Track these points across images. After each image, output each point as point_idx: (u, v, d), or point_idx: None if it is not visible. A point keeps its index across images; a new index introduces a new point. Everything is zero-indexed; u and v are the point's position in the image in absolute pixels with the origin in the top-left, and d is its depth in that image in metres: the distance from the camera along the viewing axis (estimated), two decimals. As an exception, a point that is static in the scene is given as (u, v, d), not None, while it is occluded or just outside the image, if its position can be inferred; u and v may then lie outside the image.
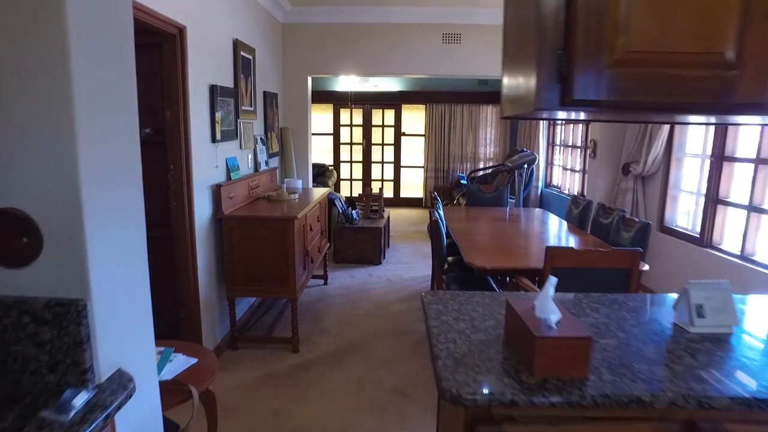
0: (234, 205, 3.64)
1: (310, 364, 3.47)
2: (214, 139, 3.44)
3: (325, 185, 8.31)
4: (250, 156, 4.29)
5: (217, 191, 3.44)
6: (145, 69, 3.45)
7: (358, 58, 5.40)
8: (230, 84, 3.79)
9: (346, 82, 9.02)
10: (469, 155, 9.63)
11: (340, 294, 4.87)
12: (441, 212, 3.80)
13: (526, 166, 6.54)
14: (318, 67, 5.47)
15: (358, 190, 9.98)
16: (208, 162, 3.39)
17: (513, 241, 3.67)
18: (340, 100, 9.54)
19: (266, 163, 4.63)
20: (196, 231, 3.21)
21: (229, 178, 3.72)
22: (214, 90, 3.40)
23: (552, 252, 2.59)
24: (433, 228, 3.37)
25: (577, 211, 4.37)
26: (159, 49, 2.99)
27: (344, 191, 9.98)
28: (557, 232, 4.05)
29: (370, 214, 6.19)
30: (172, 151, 3.06)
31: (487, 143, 9.65)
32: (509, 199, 6.09)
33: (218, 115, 3.47)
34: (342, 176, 9.92)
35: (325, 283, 5.12)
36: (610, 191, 5.42)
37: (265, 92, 4.71)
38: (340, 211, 5.85)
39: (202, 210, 3.30)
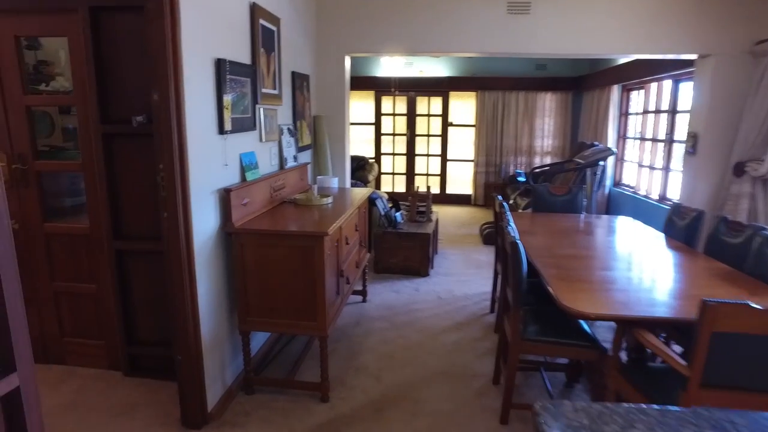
0: (249, 214, 2.83)
1: (343, 422, 2.62)
2: (221, 130, 2.62)
3: (365, 180, 7.46)
4: (273, 150, 3.46)
5: (225, 197, 2.63)
6: (134, 38, 2.67)
7: (405, 34, 4.48)
8: (246, 59, 2.96)
9: (389, 67, 8.11)
10: (524, 148, 8.56)
11: (381, 316, 4.01)
12: (513, 225, 2.87)
13: (601, 163, 5.47)
14: (357, 45, 4.58)
15: (400, 185, 9.09)
16: (214, 159, 2.58)
17: (616, 269, 2.69)
18: (381, 87, 8.65)
19: (294, 158, 3.81)
20: (196, 249, 2.41)
21: (243, 179, 2.90)
22: (221, 66, 2.57)
23: (714, 310, 1.63)
24: (510, 251, 2.46)
25: (682, 224, 3.33)
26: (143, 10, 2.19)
27: (385, 186, 9.11)
28: (670, 254, 3.03)
29: (416, 217, 5.30)
30: (160, 145, 2.26)
31: (544, 135, 8.55)
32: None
33: (227, 98, 2.65)
34: (383, 170, 9.05)
35: (364, 300, 4.27)
36: (715, 196, 4.32)
37: (293, 73, 3.87)
38: (382, 213, 4.98)
39: (204, 221, 2.50)
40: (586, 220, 4.09)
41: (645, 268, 2.72)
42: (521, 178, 7.25)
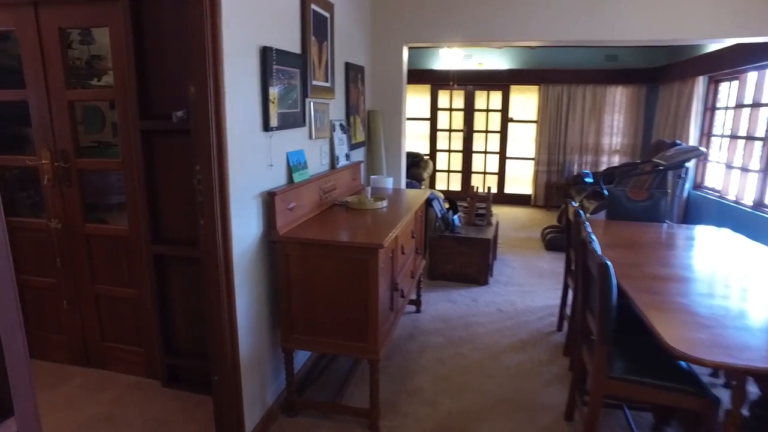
0: (296, 220, 2.54)
1: (394, 458, 2.31)
2: (267, 127, 2.34)
3: (419, 178, 7.10)
4: (324, 148, 3.17)
5: (269, 201, 2.35)
6: (176, 27, 2.43)
7: (468, 22, 4.07)
8: (295, 48, 2.67)
9: (447, 60, 7.68)
10: (590, 146, 7.90)
11: (436, 329, 3.65)
12: (596, 241, 2.43)
13: (687, 164, 4.84)
14: (416, 35, 4.21)
15: (455, 183, 8.66)
16: (257, 159, 2.30)
17: (728, 297, 2.20)
18: (438, 81, 8.23)
19: (347, 156, 3.50)
20: (236, 259, 2.14)
21: (290, 180, 2.62)
22: (267, 55, 2.28)
23: None
24: (599, 275, 2.02)
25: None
26: (183, -9, 1.94)
27: (440, 184, 8.71)
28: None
29: (475, 220, 4.89)
30: (197, 143, 1.99)
31: (613, 132, 7.85)
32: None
33: (274, 91, 2.36)
34: (438, 167, 8.65)
35: (418, 311, 3.93)
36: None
37: (347, 64, 3.55)
38: (439, 215, 4.61)
39: (245, 229, 2.23)
40: (673, 230, 3.55)
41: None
42: (588, 179, 6.64)
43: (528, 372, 3.06)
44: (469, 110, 8.38)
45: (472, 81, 8.14)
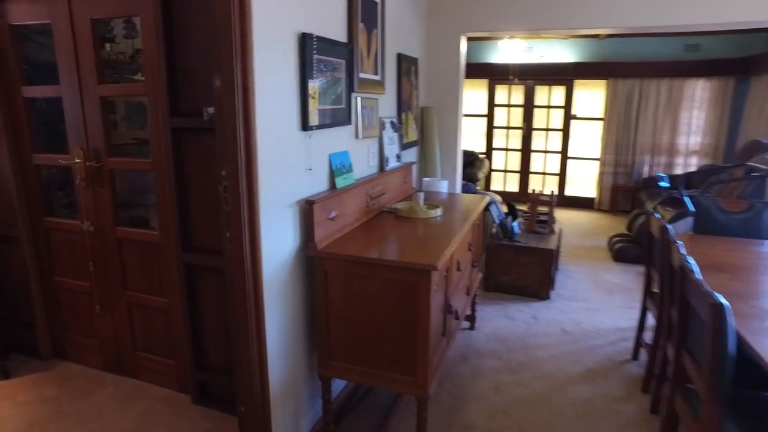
0: (337, 231, 2.23)
1: None
2: (305, 125, 2.04)
3: (474, 178, 6.66)
4: (372, 149, 2.84)
5: (307, 210, 2.05)
6: (206, 14, 2.16)
7: (531, 8, 3.59)
8: (340, 36, 2.35)
9: (506, 52, 7.16)
10: (664, 146, 7.15)
11: (492, 351, 3.25)
12: (693, 263, 1.97)
13: (790, 168, 4.16)
14: (476, 23, 3.80)
15: (512, 184, 8.14)
16: (294, 162, 2.01)
17: None
18: (496, 75, 7.71)
19: (397, 157, 3.16)
20: (266, 278, 1.86)
21: (332, 185, 2.31)
22: (306, 43, 1.98)
23: None
24: (711, 318, 1.57)
25: None
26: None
27: (495, 184, 8.21)
28: None
29: (536, 227, 4.43)
30: (223, 145, 1.72)
31: (690, 131, 7.06)
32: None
33: (314, 85, 2.06)
34: (494, 166, 8.15)
35: (472, 327, 3.54)
36: None
37: (399, 55, 3.20)
38: (497, 221, 4.18)
39: (278, 242, 1.94)
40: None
41: None
42: (664, 183, 5.96)
43: (599, 410, 2.62)
44: (528, 106, 7.81)
45: (533, 75, 7.57)
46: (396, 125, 3.16)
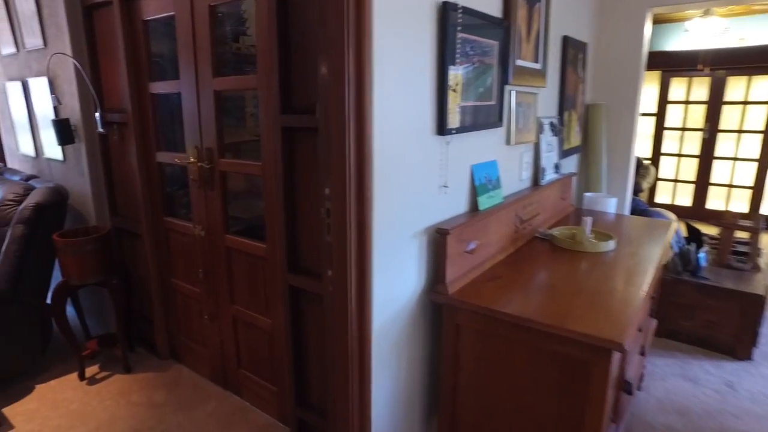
0: (476, 267, 1.66)
1: None
2: (442, 128, 1.49)
3: (638, 188, 5.52)
4: (526, 157, 2.20)
5: (439, 242, 1.51)
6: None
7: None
8: (493, 9, 1.74)
9: (694, 35, 5.83)
10: None
11: (668, 427, 2.39)
12: None
13: None
14: (670, -4, 2.91)
15: (684, 197, 6.72)
16: (424, 177, 1.48)
17: None
18: (672, 65, 6.35)
19: (555, 168, 2.47)
20: (375, 329, 1.37)
21: (473, 206, 1.75)
22: (448, 16, 1.42)
23: None
24: None
25: None
26: None
27: (661, 196, 6.86)
28: None
29: (732, 261, 3.36)
30: (327, 154, 1.25)
31: None
32: None
33: (457, 73, 1.50)
34: (660, 175, 6.79)
35: (638, 388, 2.72)
36: None
37: (565, 39, 2.49)
38: (676, 249, 3.24)
39: (396, 282, 1.44)
40: None
41: None
42: None
43: None
44: (715, 103, 6.32)
45: (727, 62, 6.07)
46: (556, 127, 2.47)
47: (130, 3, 2.36)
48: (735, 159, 6.34)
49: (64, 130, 2.63)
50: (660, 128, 6.74)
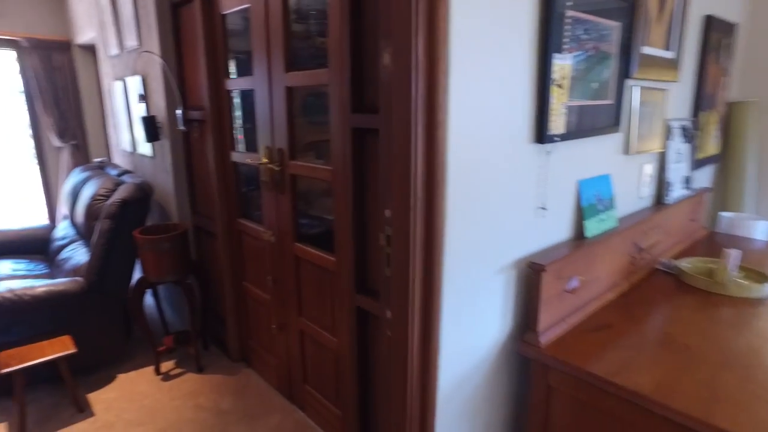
0: (579, 309, 1.29)
1: None
2: (542, 134, 1.15)
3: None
4: (647, 169, 1.76)
5: (532, 279, 1.18)
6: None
7: None
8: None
9: None
10: None
11: None
12: None
13: None
14: None
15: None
16: (514, 196, 1.15)
17: None
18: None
19: (686, 182, 1.98)
20: (441, 388, 1.08)
21: (577, 233, 1.38)
22: (560, -13, 1.09)
23: None
24: None
25: None
26: None
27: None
28: None
29: None
30: (388, 162, 0.98)
31: None
32: None
33: (564, 63, 1.15)
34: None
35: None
36: None
37: (708, 18, 1.98)
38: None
39: (471, 329, 1.12)
40: None
41: None
42: None
43: None
44: None
45: None
46: (689, 131, 1.97)
47: (210, -4, 2.27)
48: None
49: (151, 128, 2.63)
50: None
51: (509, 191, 1.13)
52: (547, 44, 1.10)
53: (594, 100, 1.33)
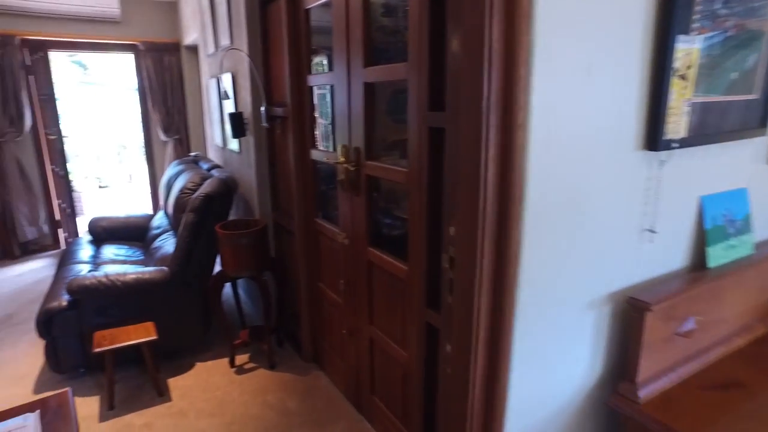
0: (693, 357, 1.04)
1: None
2: (655, 139, 0.92)
3: None
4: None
5: (633, 320, 0.96)
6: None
7: None
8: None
9: None
10: None
11: None
12: None
13: None
14: None
15: None
16: (613, 214, 0.94)
17: None
18: None
19: None
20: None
21: (697, 261, 1.12)
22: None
23: None
24: None
25: None
26: None
27: None
28: None
29: None
30: (454, 169, 0.82)
31: None
32: None
33: (689, 48, 0.91)
34: None
35: None
36: None
37: None
38: None
39: (548, 373, 0.93)
40: None
41: None
42: None
43: None
44: None
45: None
46: None
47: (296, -9, 2.24)
48: None
49: (238, 124, 2.69)
50: None
51: (607, 209, 0.92)
52: (669, 23, 0.87)
53: (730, 94, 1.06)
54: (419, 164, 1.53)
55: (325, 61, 2.37)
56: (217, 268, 2.62)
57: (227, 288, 2.79)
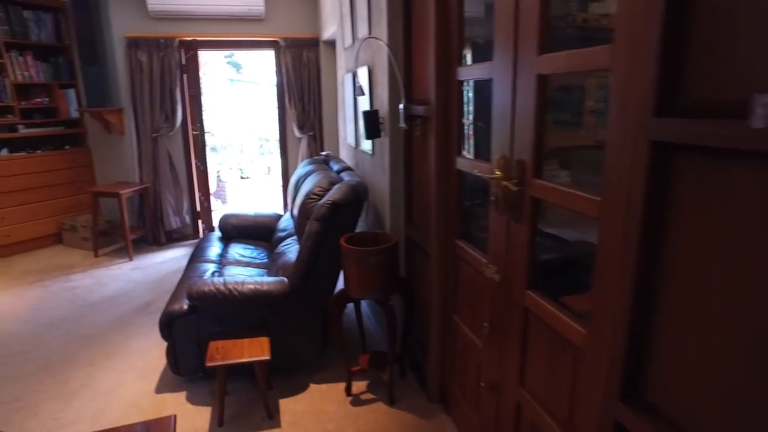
0: None
1: None
2: None
3: None
4: None
5: None
6: None
7: None
8: None
9: None
10: None
11: None
12: None
13: None
14: None
15: None
16: None
17: None
18: None
19: None
20: None
21: None
22: None
23: None
24: None
25: None
26: None
27: None
28: None
29: None
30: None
31: None
32: None
33: None
34: None
35: None
36: None
37: None
38: None
39: None
40: None
41: None
42: None
43: None
44: None
45: None
46: None
47: (450, -36, 1.85)
48: None
49: (373, 123, 2.39)
50: None
51: None
52: None
53: None
54: (627, 193, 1.04)
55: (469, 55, 1.96)
56: (339, 283, 2.36)
57: (349, 304, 2.52)
